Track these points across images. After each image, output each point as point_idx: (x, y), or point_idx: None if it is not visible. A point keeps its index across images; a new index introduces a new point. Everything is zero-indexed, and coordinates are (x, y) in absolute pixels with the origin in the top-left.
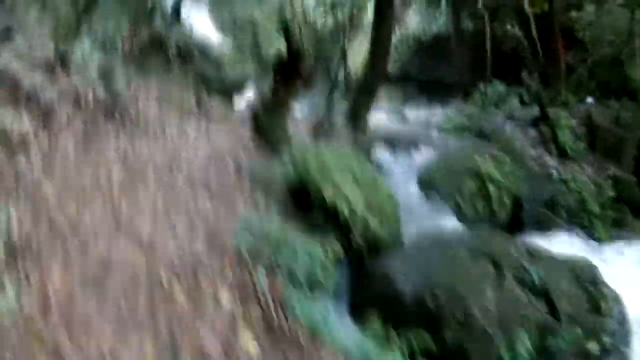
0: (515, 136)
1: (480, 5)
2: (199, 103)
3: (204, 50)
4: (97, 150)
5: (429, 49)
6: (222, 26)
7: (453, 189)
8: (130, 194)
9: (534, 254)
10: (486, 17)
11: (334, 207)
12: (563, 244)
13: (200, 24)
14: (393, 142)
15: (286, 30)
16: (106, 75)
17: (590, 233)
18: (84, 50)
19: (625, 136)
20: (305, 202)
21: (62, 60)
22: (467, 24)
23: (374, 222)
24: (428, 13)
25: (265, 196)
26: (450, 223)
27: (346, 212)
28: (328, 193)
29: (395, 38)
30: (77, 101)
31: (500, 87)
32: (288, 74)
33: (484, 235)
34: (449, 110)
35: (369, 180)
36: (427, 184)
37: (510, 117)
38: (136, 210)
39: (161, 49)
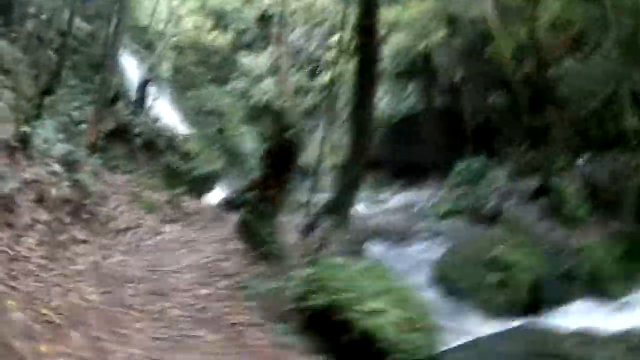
0: (519, 214)
1: (457, 78)
2: (171, 202)
3: (169, 142)
4: (65, 260)
5: (400, 130)
6: (186, 116)
7: (473, 283)
8: (114, 328)
9: (586, 338)
10: (464, 89)
11: (371, 330)
12: (582, 312)
13: (165, 112)
14: (384, 236)
15: (278, 117)
16: (71, 166)
17: (606, 294)
18: (47, 133)
19: (623, 188)
20: (328, 326)
21: (24, 143)
22: (438, 100)
23: (412, 339)
24: (396, 93)
25: (281, 326)
26: (481, 322)
27: (387, 334)
28: (364, 316)
29: None
30: (40, 195)
31: (477, 162)
32: (280, 166)
33: (530, 333)
34: (431, 192)
35: (399, 294)
36: (443, 280)
37: (508, 192)
38: (127, 356)
39: (126, 139)
